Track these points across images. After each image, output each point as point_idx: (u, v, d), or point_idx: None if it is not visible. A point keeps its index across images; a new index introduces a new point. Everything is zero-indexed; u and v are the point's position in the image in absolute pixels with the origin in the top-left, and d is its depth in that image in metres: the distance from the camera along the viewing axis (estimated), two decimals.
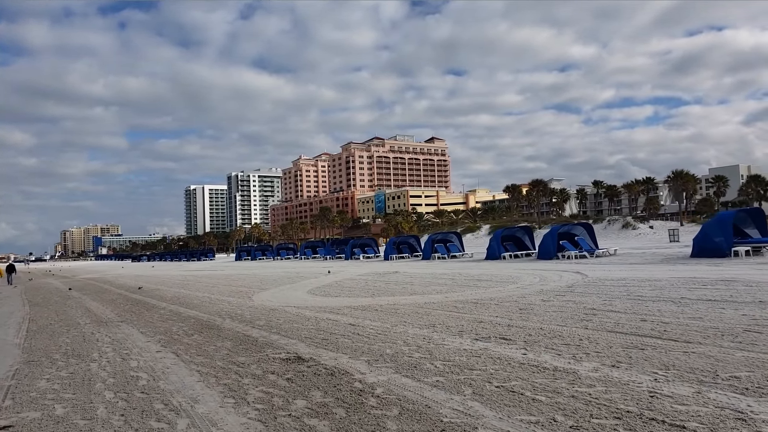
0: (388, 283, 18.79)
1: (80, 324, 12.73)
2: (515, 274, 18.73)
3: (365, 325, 9.97)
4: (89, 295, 21.63)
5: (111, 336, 10.60)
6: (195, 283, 25.72)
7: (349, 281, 20.62)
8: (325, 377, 6.38)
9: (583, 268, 19.54)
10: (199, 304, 15.78)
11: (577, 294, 12.48)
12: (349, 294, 15.95)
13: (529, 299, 12.11)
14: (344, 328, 9.79)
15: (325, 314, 11.81)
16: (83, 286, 28.40)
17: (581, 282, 14.98)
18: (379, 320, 10.43)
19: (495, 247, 29.21)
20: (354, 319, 10.83)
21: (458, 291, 14.82)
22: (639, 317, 8.93)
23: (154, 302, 17.21)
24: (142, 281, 29.80)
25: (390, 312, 11.45)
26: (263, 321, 11.44)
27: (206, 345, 8.95)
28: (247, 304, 15.01)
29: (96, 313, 14.92)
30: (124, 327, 11.84)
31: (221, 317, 12.45)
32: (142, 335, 10.51)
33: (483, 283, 16.41)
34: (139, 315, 13.96)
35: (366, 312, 11.70)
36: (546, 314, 9.89)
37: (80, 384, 6.70)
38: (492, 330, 8.63)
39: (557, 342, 7.44)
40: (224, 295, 17.99)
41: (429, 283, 17.55)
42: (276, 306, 13.96)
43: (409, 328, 9.24)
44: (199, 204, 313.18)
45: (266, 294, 17.60)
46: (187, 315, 13.31)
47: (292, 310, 12.82)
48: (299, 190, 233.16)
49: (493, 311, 10.66)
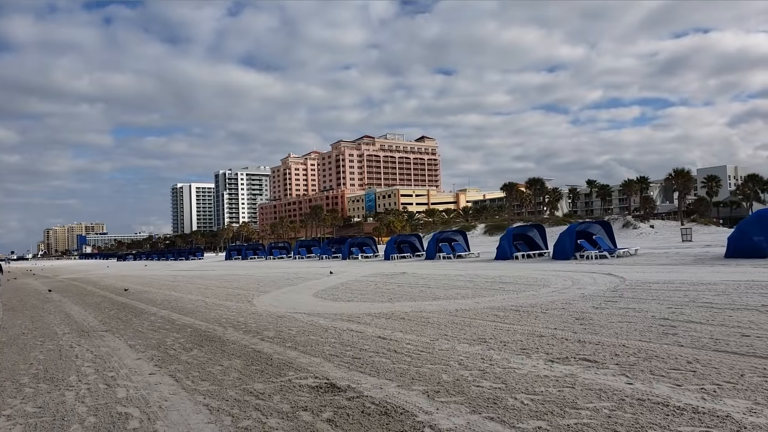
0: (400, 285, 17.20)
1: (58, 334, 11.01)
2: (540, 276, 17.21)
3: (398, 338, 8.39)
4: (70, 298, 19.82)
5: (93, 350, 8.93)
6: (186, 284, 23.97)
7: (356, 283, 19.01)
8: (378, 418, 4.79)
9: (612, 270, 18.08)
10: (194, 309, 14.10)
11: (631, 300, 10.98)
12: (362, 298, 14.34)
13: (576, 306, 10.60)
14: (374, 342, 8.21)
15: (343, 323, 10.22)
16: (65, 288, 26.50)
17: (623, 285, 13.49)
18: (411, 332, 8.85)
19: (506, 246, 27.59)
20: (381, 330, 9.24)
21: (486, 295, 13.28)
22: (737, 331, 7.43)
23: (142, 306, 15.50)
24: (128, 282, 27.95)
25: (420, 321, 9.88)
26: (272, 331, 9.82)
27: (210, 364, 7.32)
28: (249, 309, 13.36)
29: (77, 320, 13.19)
30: (109, 338, 10.17)
31: (222, 326, 10.81)
32: (130, 350, 8.85)
33: (509, 287, 14.87)
34: (126, 322, 12.27)
35: (392, 321, 10.12)
36: (612, 325, 8.37)
37: (49, 427, 5.05)
38: (562, 347, 7.09)
39: (660, 365, 5.92)
40: (221, 299, 16.32)
41: (447, 286, 15.99)
42: (283, 312, 12.33)
43: (455, 344, 7.67)
44: (186, 202, 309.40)
45: (268, 297, 15.95)
46: (181, 323, 11.64)
47: (303, 318, 11.20)
48: (288, 188, 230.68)
49: (544, 321, 9.12)
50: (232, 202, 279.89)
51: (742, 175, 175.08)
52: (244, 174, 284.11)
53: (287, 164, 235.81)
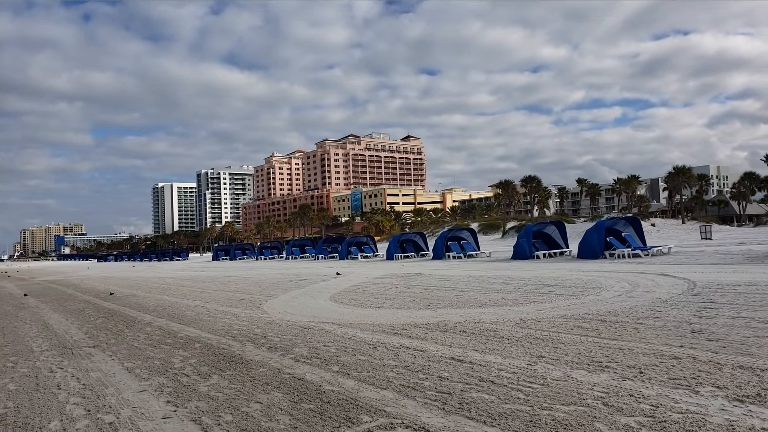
0: (426, 288, 15.32)
1: (34, 352, 8.97)
2: (584, 278, 15.41)
3: (479, 360, 6.54)
4: (49, 304, 17.63)
5: (81, 377, 6.95)
6: (177, 287, 21.84)
7: (373, 286, 17.10)
8: None
9: (661, 269, 16.38)
10: (195, 317, 12.10)
11: (729, 306, 9.23)
12: (391, 304, 12.44)
13: (670, 314, 8.83)
14: (450, 366, 6.35)
15: (389, 337, 8.34)
16: (42, 291, 24.18)
17: (698, 288, 11.73)
18: (490, 351, 7.01)
19: (525, 245, 25.75)
20: (446, 347, 7.38)
21: (541, 301, 11.46)
22: None
23: (133, 314, 13.44)
24: (112, 284, 25.70)
25: (488, 336, 8.04)
26: (304, 348, 7.92)
27: (242, 400, 5.42)
28: (262, 317, 11.41)
29: (57, 332, 11.12)
30: (98, 357, 8.17)
31: (237, 340, 8.87)
32: (129, 375, 6.89)
33: (560, 290, 13.06)
34: (118, 335, 10.25)
35: (450, 335, 8.26)
36: (750, 341, 6.60)
37: None
38: (722, 375, 5.29)
39: None
40: (223, 305, 14.32)
41: (484, 289, 14.15)
42: (305, 322, 10.39)
43: (567, 370, 5.84)
44: (167, 202, 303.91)
45: (278, 303, 13.99)
46: (186, 336, 9.67)
47: (336, 330, 9.30)
48: (272, 188, 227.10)
49: (653, 336, 7.33)
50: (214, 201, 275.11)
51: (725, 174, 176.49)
52: (227, 173, 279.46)
53: (271, 163, 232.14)
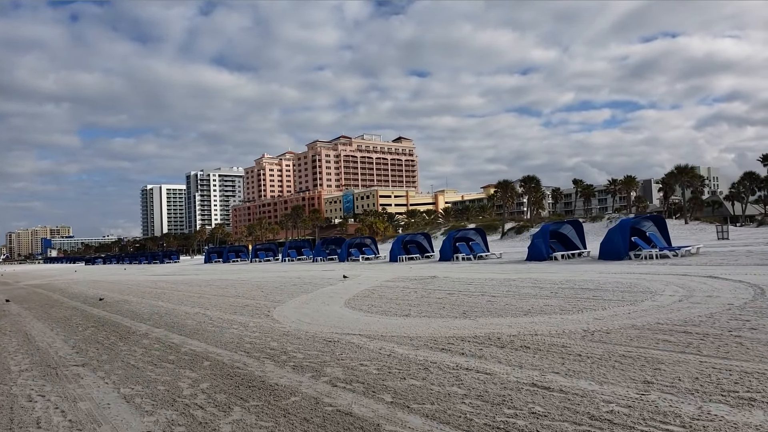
0: (450, 293, 13.99)
1: (12, 372, 7.56)
2: (621, 281, 14.11)
3: (572, 388, 5.24)
4: (33, 311, 16.13)
5: (67, 408, 5.58)
6: (172, 292, 20.37)
7: (387, 290, 15.75)
8: None
9: (701, 271, 15.10)
10: (197, 327, 10.70)
11: None
12: (419, 312, 11.09)
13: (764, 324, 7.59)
14: (535, 397, 5.05)
15: (438, 354, 7.02)
16: (26, 297, 22.60)
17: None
18: (574, 374, 5.71)
19: (542, 245, 24.36)
20: (518, 369, 6.08)
21: (592, 308, 10.17)
22: None
23: (127, 323, 12.02)
24: (102, 289, 24.15)
25: (562, 353, 6.74)
26: (338, 369, 6.59)
27: None
28: (275, 328, 10.04)
29: (40, 345, 9.69)
30: (89, 380, 6.79)
31: (254, 357, 7.51)
32: (127, 407, 5.52)
33: (604, 294, 11.75)
34: (110, 349, 8.85)
35: (513, 352, 6.96)
36: None
37: None
38: None
39: None
40: (226, 312, 12.92)
41: (516, 294, 12.83)
42: (327, 333, 9.05)
43: (703, 403, 4.55)
44: (156, 204, 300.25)
45: (288, 310, 12.60)
46: (190, 350, 8.29)
47: (368, 344, 7.96)
48: (262, 190, 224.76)
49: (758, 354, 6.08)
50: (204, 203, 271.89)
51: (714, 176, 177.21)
52: (217, 175, 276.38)
53: (261, 165, 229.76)
